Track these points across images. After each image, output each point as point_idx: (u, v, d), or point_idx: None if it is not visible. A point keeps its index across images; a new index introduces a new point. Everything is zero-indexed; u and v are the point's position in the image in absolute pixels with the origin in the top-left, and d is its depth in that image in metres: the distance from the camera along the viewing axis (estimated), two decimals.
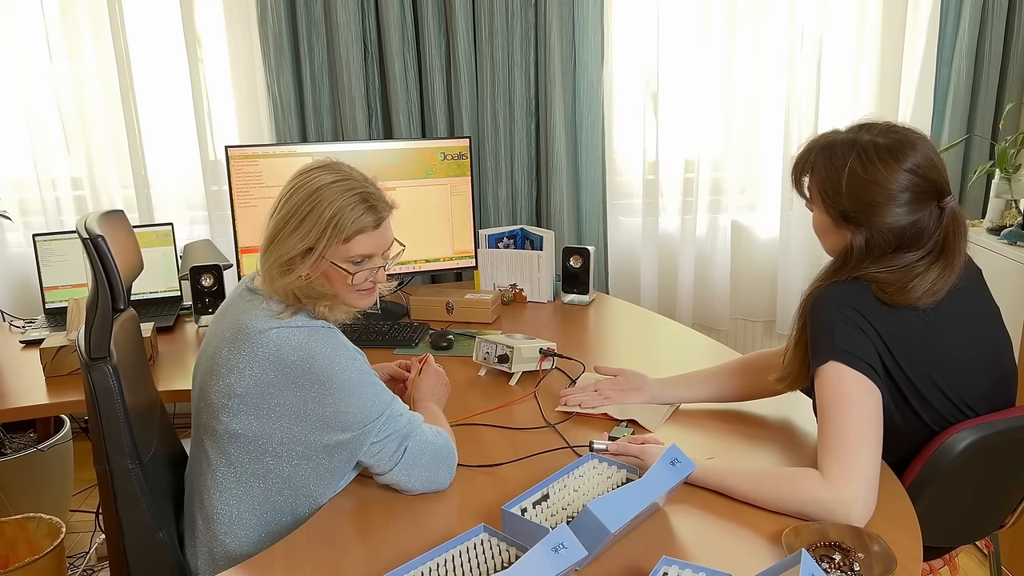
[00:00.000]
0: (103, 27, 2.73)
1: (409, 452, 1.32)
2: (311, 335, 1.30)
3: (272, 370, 1.28)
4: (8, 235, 2.85)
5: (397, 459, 1.32)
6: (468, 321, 2.30)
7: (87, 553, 2.47)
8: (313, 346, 1.29)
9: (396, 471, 1.32)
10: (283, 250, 1.32)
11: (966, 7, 2.86)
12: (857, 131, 1.36)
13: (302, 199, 1.33)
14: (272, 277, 1.34)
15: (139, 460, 1.37)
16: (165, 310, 2.45)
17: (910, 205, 1.30)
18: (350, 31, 2.69)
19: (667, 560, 1.09)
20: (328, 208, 1.31)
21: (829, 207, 1.37)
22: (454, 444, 1.40)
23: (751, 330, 3.28)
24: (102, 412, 1.34)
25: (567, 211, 2.92)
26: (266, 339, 1.28)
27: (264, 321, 1.30)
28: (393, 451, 1.32)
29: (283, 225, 1.33)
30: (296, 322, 1.31)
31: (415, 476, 1.33)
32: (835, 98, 3.00)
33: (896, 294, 1.29)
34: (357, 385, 1.31)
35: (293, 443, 1.31)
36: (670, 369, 1.74)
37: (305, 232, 1.32)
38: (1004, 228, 2.53)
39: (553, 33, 2.77)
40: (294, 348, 1.28)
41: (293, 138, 2.80)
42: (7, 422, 2.33)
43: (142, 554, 1.39)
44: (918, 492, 1.33)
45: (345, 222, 1.32)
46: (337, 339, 1.33)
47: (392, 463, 1.32)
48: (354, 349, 1.35)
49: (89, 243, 1.32)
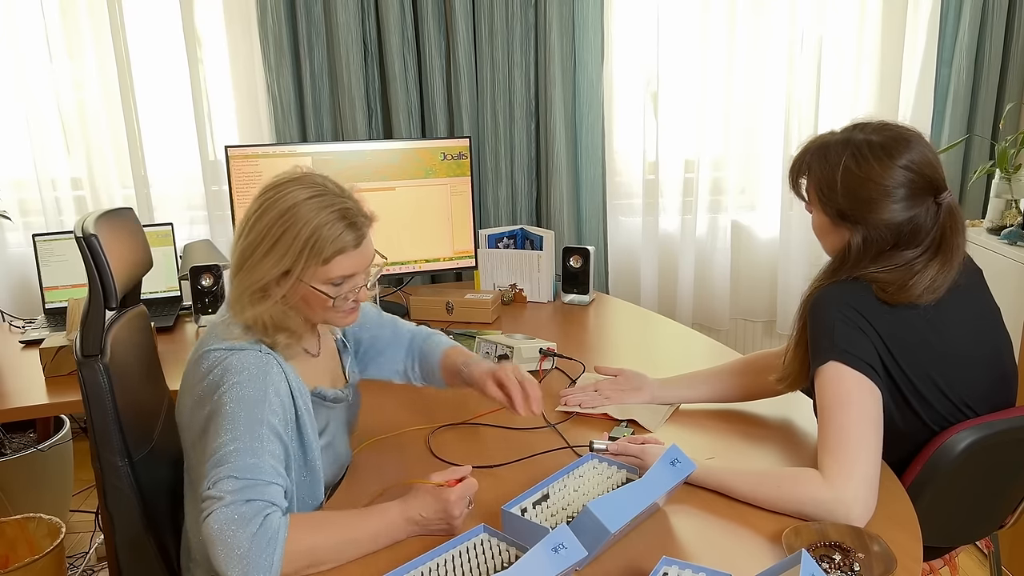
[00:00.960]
0: (103, 27, 2.73)
1: (213, 519, 1.07)
2: (240, 359, 1.20)
3: (189, 391, 1.27)
4: (8, 235, 2.85)
5: (203, 524, 1.08)
6: (468, 321, 2.30)
7: (87, 553, 2.47)
8: (232, 370, 1.19)
9: (211, 526, 1.07)
10: (255, 276, 1.22)
11: (966, 7, 2.86)
12: (851, 130, 1.36)
13: (274, 219, 1.20)
14: (242, 306, 1.23)
15: (129, 458, 1.37)
16: (165, 310, 2.45)
17: (906, 201, 1.30)
18: (350, 31, 2.69)
19: (667, 560, 1.09)
20: (304, 228, 1.19)
21: (826, 206, 1.37)
22: (277, 554, 1.06)
23: (751, 330, 3.28)
24: (92, 409, 1.35)
25: (567, 211, 2.92)
26: (207, 358, 1.23)
27: (210, 340, 1.26)
28: (203, 512, 1.09)
29: (254, 248, 1.22)
30: (223, 344, 1.23)
31: (215, 551, 1.06)
32: (835, 98, 3.00)
33: (896, 293, 1.29)
34: (242, 417, 1.15)
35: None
36: (670, 369, 1.74)
37: (280, 255, 1.20)
38: (1004, 228, 2.53)
39: (553, 33, 2.77)
40: (218, 369, 1.21)
41: (293, 138, 2.80)
42: (7, 422, 2.33)
43: (131, 551, 1.39)
44: (918, 492, 1.33)
45: (323, 243, 1.20)
46: (266, 370, 1.20)
47: (215, 515, 1.07)
48: (276, 393, 1.20)
49: (82, 241, 1.33)
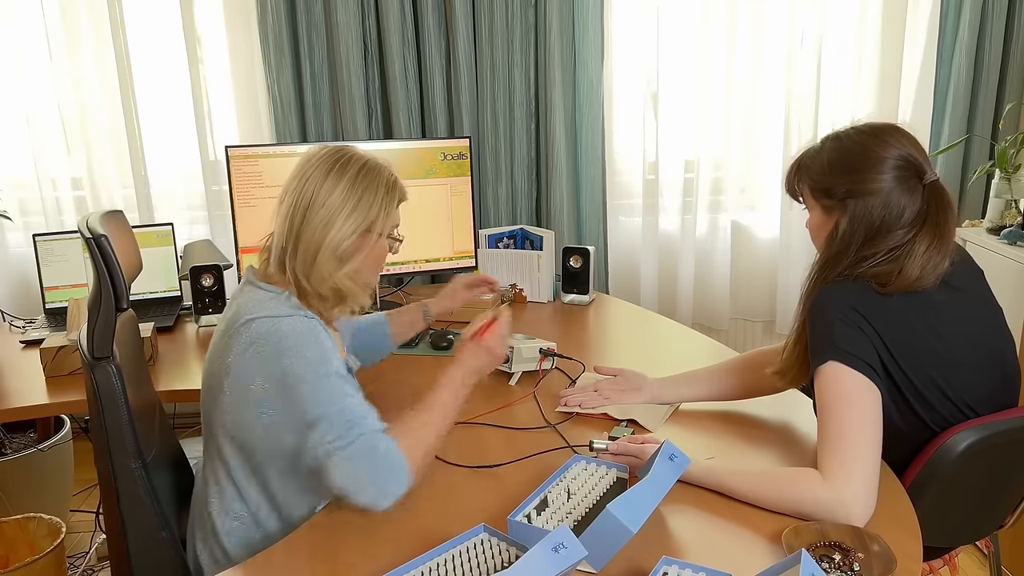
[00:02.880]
0: (103, 26, 2.73)
1: (340, 460, 1.18)
2: (282, 323, 1.24)
3: (240, 358, 1.25)
4: (8, 235, 2.85)
5: (329, 468, 1.18)
6: (468, 321, 2.30)
7: (87, 553, 2.47)
8: (287, 336, 1.23)
9: (332, 483, 1.18)
10: (336, 241, 1.29)
11: (966, 7, 2.86)
12: (835, 132, 1.43)
13: (352, 178, 1.30)
14: (320, 275, 1.29)
15: (142, 460, 1.37)
16: (165, 310, 2.45)
17: (892, 172, 1.32)
18: (350, 31, 2.69)
19: (667, 560, 1.09)
20: (382, 177, 1.32)
21: (815, 191, 1.40)
22: (397, 451, 1.21)
23: (751, 330, 3.28)
24: (106, 412, 1.34)
25: (567, 211, 2.92)
26: (244, 328, 1.25)
27: (254, 313, 1.27)
28: (323, 460, 1.19)
29: (333, 214, 1.28)
30: (276, 311, 1.26)
31: (352, 486, 1.18)
32: (835, 98, 3.00)
33: (895, 281, 1.29)
34: (312, 377, 1.22)
35: (274, 443, 1.28)
36: (670, 369, 1.74)
37: (364, 211, 1.30)
38: (1004, 228, 2.53)
39: (553, 33, 2.77)
40: (271, 337, 1.23)
41: (293, 138, 2.80)
42: (7, 422, 2.33)
43: (146, 554, 1.39)
44: (918, 492, 1.33)
45: (397, 187, 1.35)
46: (316, 331, 1.26)
47: (326, 474, 1.19)
48: (330, 347, 1.27)
49: (92, 243, 1.31)
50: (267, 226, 1.38)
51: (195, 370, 2.00)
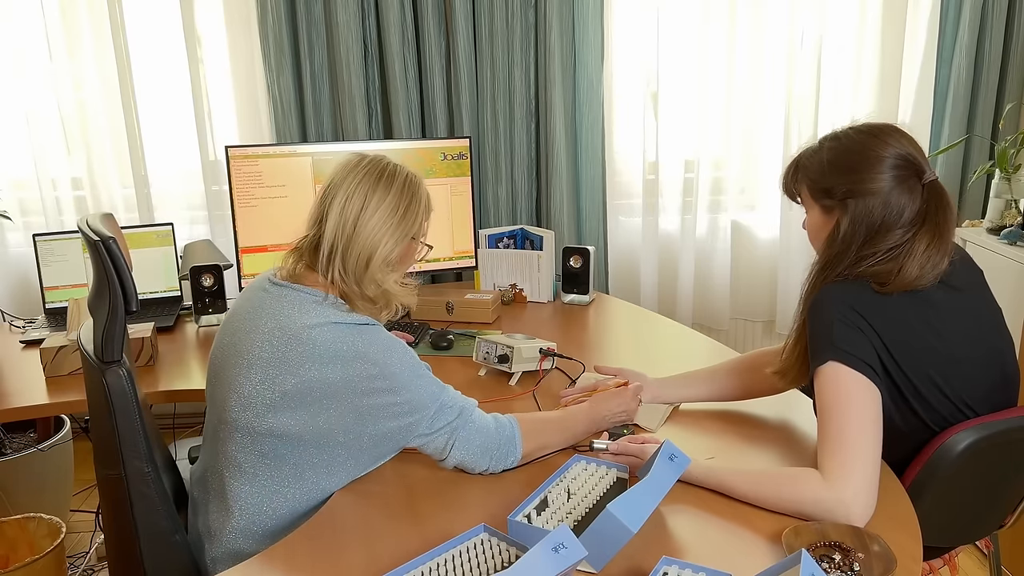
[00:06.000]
0: (103, 26, 2.73)
1: (459, 441, 1.36)
2: (363, 331, 1.31)
3: (327, 366, 1.27)
4: (8, 235, 2.86)
5: (449, 448, 1.36)
6: (468, 321, 2.30)
7: (87, 553, 2.47)
8: (367, 341, 1.30)
9: (450, 460, 1.37)
10: (387, 248, 1.35)
11: (966, 7, 2.86)
12: (833, 132, 1.43)
13: (400, 188, 1.36)
14: (373, 280, 1.35)
15: (154, 463, 1.37)
16: (165, 310, 2.45)
17: (891, 171, 1.33)
18: (350, 31, 2.69)
19: (667, 560, 1.09)
20: (422, 189, 1.40)
21: (815, 191, 1.41)
22: (516, 433, 1.40)
23: (751, 330, 3.28)
24: (118, 416, 1.32)
25: (567, 211, 2.92)
26: (318, 335, 1.28)
27: (312, 317, 1.30)
28: (443, 444, 1.36)
29: (385, 222, 1.34)
30: (345, 318, 1.32)
31: (472, 461, 1.37)
32: (835, 98, 3.00)
33: (894, 281, 1.29)
34: (409, 377, 1.33)
35: (339, 434, 1.31)
36: (670, 369, 1.74)
37: (411, 220, 1.37)
38: (1004, 228, 2.53)
39: (553, 33, 2.77)
40: (348, 343, 1.29)
41: (293, 138, 2.80)
42: (7, 422, 2.33)
43: (160, 557, 1.38)
44: (918, 492, 1.33)
45: (428, 198, 1.42)
46: (385, 333, 1.35)
47: (445, 452, 1.36)
48: (402, 343, 1.36)
49: (100, 245, 1.29)
50: (267, 226, 1.38)
51: (195, 370, 2.00)
